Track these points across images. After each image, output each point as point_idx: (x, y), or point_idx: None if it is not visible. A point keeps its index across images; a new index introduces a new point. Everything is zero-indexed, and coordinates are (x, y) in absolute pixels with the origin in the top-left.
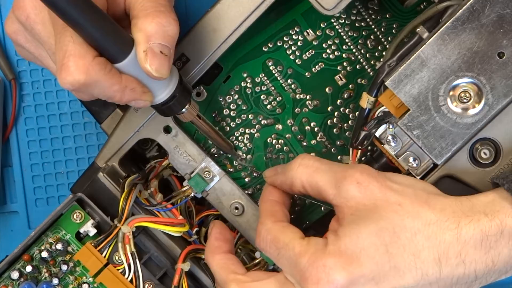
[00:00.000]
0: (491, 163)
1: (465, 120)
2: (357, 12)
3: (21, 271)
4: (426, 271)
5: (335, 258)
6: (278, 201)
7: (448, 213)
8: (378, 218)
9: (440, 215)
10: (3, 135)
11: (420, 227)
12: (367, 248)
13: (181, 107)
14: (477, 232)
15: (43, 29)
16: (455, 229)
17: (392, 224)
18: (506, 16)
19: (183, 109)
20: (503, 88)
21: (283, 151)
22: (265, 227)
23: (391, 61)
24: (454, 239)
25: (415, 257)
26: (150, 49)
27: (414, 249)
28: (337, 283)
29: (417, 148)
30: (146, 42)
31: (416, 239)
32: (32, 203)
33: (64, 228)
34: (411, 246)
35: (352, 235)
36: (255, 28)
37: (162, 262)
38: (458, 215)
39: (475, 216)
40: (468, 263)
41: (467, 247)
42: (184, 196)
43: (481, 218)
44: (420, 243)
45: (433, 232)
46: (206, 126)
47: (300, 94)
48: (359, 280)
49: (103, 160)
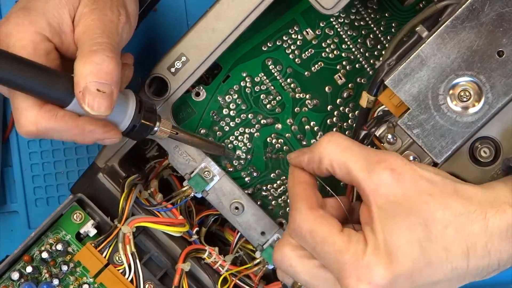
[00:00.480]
0: (491, 162)
1: (465, 119)
2: (356, 11)
3: (22, 271)
4: (456, 265)
5: (375, 258)
6: (309, 184)
7: (475, 203)
8: (409, 212)
9: (467, 206)
10: (3, 135)
11: (450, 218)
12: (403, 246)
13: (149, 129)
14: (503, 223)
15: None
16: (483, 220)
17: (424, 217)
18: (505, 14)
19: (155, 128)
20: (502, 86)
21: (282, 150)
22: (300, 215)
23: (390, 60)
24: (482, 231)
25: (447, 251)
26: (86, 89)
27: (445, 242)
28: (378, 284)
29: (417, 147)
30: (81, 82)
31: (447, 232)
32: (32, 203)
33: (64, 228)
34: (443, 239)
35: (387, 233)
36: (255, 27)
37: (163, 262)
38: (484, 206)
39: (500, 206)
40: (493, 254)
41: (493, 239)
42: (184, 196)
43: (506, 208)
44: (451, 236)
45: (462, 223)
46: (187, 137)
47: (299, 93)
48: (398, 280)
49: (103, 161)
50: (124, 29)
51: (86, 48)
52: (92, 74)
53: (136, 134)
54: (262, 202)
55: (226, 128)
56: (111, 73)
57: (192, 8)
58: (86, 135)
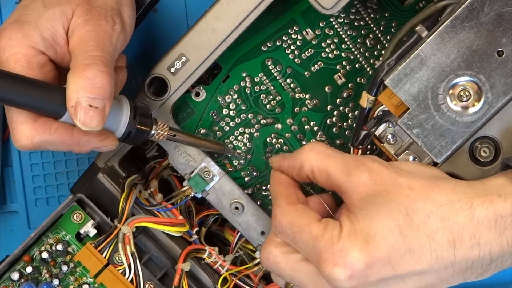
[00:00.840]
0: (491, 162)
1: (464, 118)
2: (356, 11)
3: (22, 272)
4: (441, 254)
5: (350, 242)
6: (290, 184)
7: (459, 194)
8: (389, 201)
9: (451, 196)
10: (3, 135)
11: (432, 208)
12: (381, 230)
13: (145, 133)
14: (490, 212)
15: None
16: (468, 209)
17: (404, 206)
18: (505, 14)
19: (152, 132)
20: (502, 86)
21: (282, 150)
22: (280, 210)
23: (390, 60)
24: (468, 220)
25: (430, 239)
26: (78, 104)
27: (428, 231)
28: (354, 267)
29: (416, 147)
30: (73, 97)
31: (430, 220)
32: (32, 203)
33: (64, 228)
34: (425, 227)
35: (365, 219)
36: (254, 27)
37: (163, 262)
38: (470, 196)
39: (487, 197)
40: (482, 245)
41: (481, 228)
42: (184, 196)
43: (494, 199)
44: (434, 225)
45: (445, 213)
46: (186, 138)
47: (299, 93)
48: (376, 264)
49: (103, 161)
50: (118, 39)
51: (80, 62)
52: (84, 89)
53: (132, 140)
54: (262, 202)
55: (226, 128)
56: (103, 88)
57: (192, 8)
58: (82, 145)
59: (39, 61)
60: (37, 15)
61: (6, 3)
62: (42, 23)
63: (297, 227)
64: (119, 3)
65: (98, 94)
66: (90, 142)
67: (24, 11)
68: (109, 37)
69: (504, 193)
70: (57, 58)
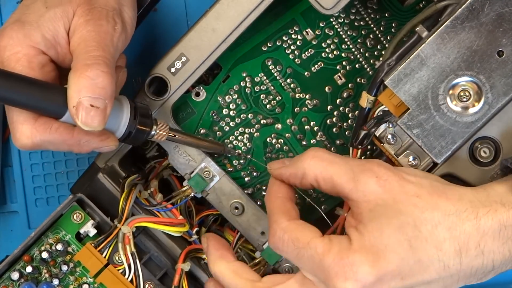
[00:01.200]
0: (491, 162)
1: (464, 119)
2: (356, 11)
3: (21, 271)
4: (448, 263)
5: (361, 256)
6: (288, 198)
7: (465, 203)
8: (398, 213)
9: (458, 205)
10: (3, 135)
11: (440, 218)
12: (391, 244)
13: (145, 134)
14: (495, 222)
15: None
16: (474, 219)
17: (413, 218)
18: (505, 14)
19: (152, 132)
20: (502, 86)
21: (282, 150)
22: (280, 226)
23: (390, 60)
24: (474, 230)
25: (437, 249)
26: (80, 104)
27: (436, 242)
28: (365, 281)
29: (416, 147)
30: (75, 97)
31: (437, 231)
32: (32, 203)
33: (64, 228)
34: (433, 238)
35: (375, 232)
36: (254, 27)
37: (162, 262)
38: (476, 205)
39: (492, 206)
40: (486, 254)
41: (486, 238)
42: (184, 196)
43: (498, 208)
44: (441, 235)
45: (453, 223)
46: (186, 138)
47: (299, 93)
48: (386, 277)
49: (103, 161)
50: (119, 39)
51: (81, 62)
52: (86, 89)
53: (133, 140)
54: (262, 202)
55: (226, 128)
56: (105, 88)
57: (192, 8)
58: (82, 145)
59: (40, 61)
60: (38, 15)
61: (6, 3)
62: (43, 23)
63: (301, 243)
64: (120, 3)
65: (99, 94)
66: (90, 142)
67: (25, 11)
68: (110, 37)
69: (507, 202)
70: (58, 58)
